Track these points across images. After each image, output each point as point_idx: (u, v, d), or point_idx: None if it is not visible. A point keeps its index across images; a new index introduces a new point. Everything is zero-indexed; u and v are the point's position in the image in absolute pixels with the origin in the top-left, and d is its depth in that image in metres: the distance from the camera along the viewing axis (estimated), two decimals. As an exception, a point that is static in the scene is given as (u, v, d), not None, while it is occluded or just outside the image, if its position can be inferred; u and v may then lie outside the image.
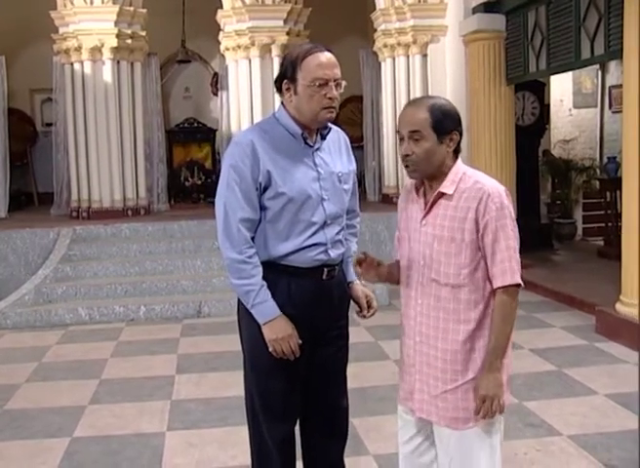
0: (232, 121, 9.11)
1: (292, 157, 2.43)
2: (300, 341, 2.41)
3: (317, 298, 2.49)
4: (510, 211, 2.14)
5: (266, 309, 2.40)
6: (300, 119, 2.43)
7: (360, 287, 2.67)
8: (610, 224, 8.74)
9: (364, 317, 2.66)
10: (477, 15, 7.75)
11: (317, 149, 2.48)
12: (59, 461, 3.68)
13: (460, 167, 2.19)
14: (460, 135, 2.18)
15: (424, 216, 2.20)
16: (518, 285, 2.13)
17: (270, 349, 2.40)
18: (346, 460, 2.79)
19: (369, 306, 2.65)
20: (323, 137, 2.51)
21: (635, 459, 3.43)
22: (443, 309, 2.17)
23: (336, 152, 2.55)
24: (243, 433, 3.67)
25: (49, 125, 11.35)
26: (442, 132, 2.13)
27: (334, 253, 2.51)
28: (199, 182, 10.96)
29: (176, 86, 12.10)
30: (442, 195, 2.16)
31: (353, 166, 2.62)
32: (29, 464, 3.68)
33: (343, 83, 2.42)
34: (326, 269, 2.51)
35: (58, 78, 9.12)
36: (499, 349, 2.13)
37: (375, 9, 9.08)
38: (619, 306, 5.47)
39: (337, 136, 2.59)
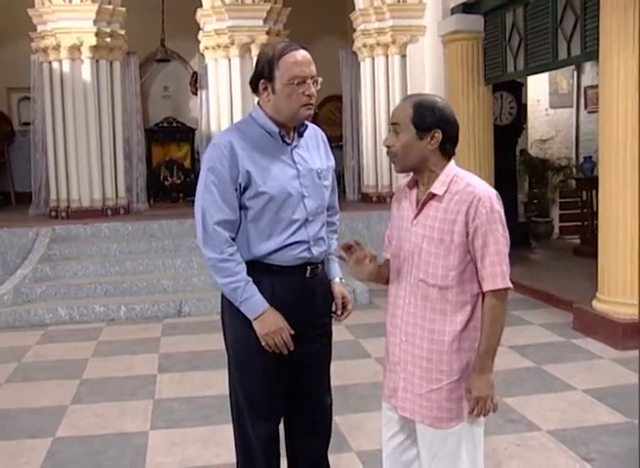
0: (212, 120, 9.09)
1: (270, 156, 2.44)
2: (293, 332, 2.43)
3: (300, 297, 2.50)
4: (501, 215, 2.16)
5: (255, 304, 2.42)
6: (277, 118, 2.44)
7: (338, 286, 2.68)
8: (586, 223, 8.87)
9: (337, 318, 2.68)
10: (456, 15, 7.81)
11: (295, 147, 2.51)
12: (41, 461, 3.67)
13: (452, 168, 2.21)
14: (446, 134, 2.17)
15: (415, 216, 2.22)
16: (508, 288, 2.17)
17: (263, 343, 2.42)
18: (329, 457, 2.82)
19: (344, 307, 2.67)
20: (300, 135, 2.53)
21: (613, 453, 3.53)
22: (430, 309, 2.19)
23: (314, 149, 2.57)
24: (226, 431, 3.70)
25: (26, 124, 11.27)
26: (422, 127, 2.14)
27: (316, 251, 2.52)
28: (178, 182, 10.93)
29: (154, 85, 12.05)
30: (433, 196, 2.18)
31: (332, 162, 2.64)
32: (11, 464, 3.66)
33: (320, 80, 2.45)
34: (309, 267, 2.52)
35: (36, 77, 9.03)
36: (490, 351, 2.17)
37: (354, 9, 9.12)
38: (595, 303, 5.56)
39: (313, 133, 2.60)
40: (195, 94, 11.42)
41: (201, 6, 8.79)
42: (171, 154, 11.37)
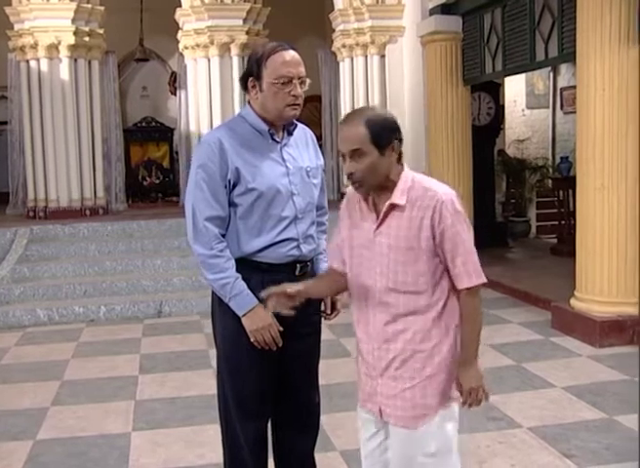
0: (191, 120, 9.08)
1: (260, 153, 2.47)
2: (282, 328, 2.44)
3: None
4: (464, 214, 2.17)
5: (244, 300, 2.43)
6: (265, 116, 2.48)
7: None
8: (563, 222, 8.97)
9: (327, 317, 2.70)
10: (434, 16, 7.86)
11: (285, 145, 2.53)
12: (22, 464, 3.64)
13: (407, 174, 2.19)
14: (401, 141, 2.17)
15: (377, 227, 2.19)
16: (483, 283, 2.20)
17: (252, 339, 2.43)
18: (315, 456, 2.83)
19: (333, 307, 2.69)
20: (290, 133, 2.55)
21: (592, 449, 3.58)
22: (403, 315, 2.19)
23: (303, 148, 2.59)
24: (210, 431, 3.72)
25: (1, 123, 11.15)
26: (382, 144, 2.10)
27: (305, 249, 2.55)
28: (157, 181, 10.92)
29: (133, 85, 12.00)
30: (394, 206, 2.16)
31: (321, 161, 2.67)
32: (-4, 467, 3.64)
33: (308, 81, 2.48)
34: (299, 265, 2.54)
35: (13, 76, 8.97)
36: (473, 344, 2.21)
37: (333, 9, 9.14)
38: (573, 301, 5.62)
39: (303, 133, 2.63)
40: (174, 93, 11.40)
41: (180, 5, 8.76)
42: (149, 154, 11.34)
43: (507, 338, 5.63)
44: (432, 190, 2.14)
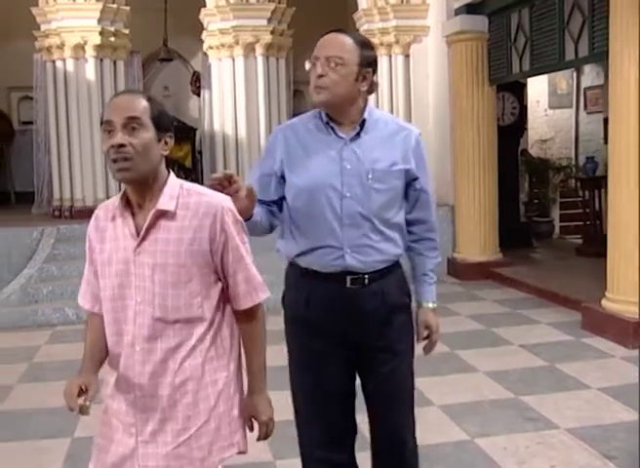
0: (215, 119, 9.09)
1: (315, 148, 2.28)
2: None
3: (341, 308, 2.28)
4: (243, 223, 1.96)
5: None
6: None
7: (424, 313, 2.44)
8: (588, 223, 8.91)
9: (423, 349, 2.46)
10: (460, 16, 7.83)
11: (352, 142, 2.26)
12: (62, 462, 3.66)
13: (175, 180, 1.91)
14: (172, 139, 1.93)
15: (139, 245, 1.86)
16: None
17: None
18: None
19: (427, 338, 2.44)
20: (362, 128, 2.28)
21: (632, 451, 3.55)
22: (171, 350, 1.88)
23: (384, 147, 2.28)
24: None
25: (26, 123, 11.24)
26: (161, 129, 1.86)
27: (355, 260, 2.25)
28: (180, 181, 10.91)
29: (155, 84, 12.03)
30: (161, 215, 1.85)
31: (411, 166, 2.31)
32: (32, 464, 3.66)
33: (338, 60, 2.18)
34: (349, 277, 2.27)
35: (39, 76, 9.00)
36: (263, 367, 2.01)
37: (357, 9, 9.13)
38: (604, 302, 5.59)
39: (395, 131, 2.32)
40: (196, 93, 11.42)
41: (204, 5, 8.78)
42: (171, 154, 11.24)
43: (538, 339, 5.60)
44: (208, 196, 1.89)
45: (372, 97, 9.16)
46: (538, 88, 11.55)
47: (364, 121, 2.27)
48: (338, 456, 2.39)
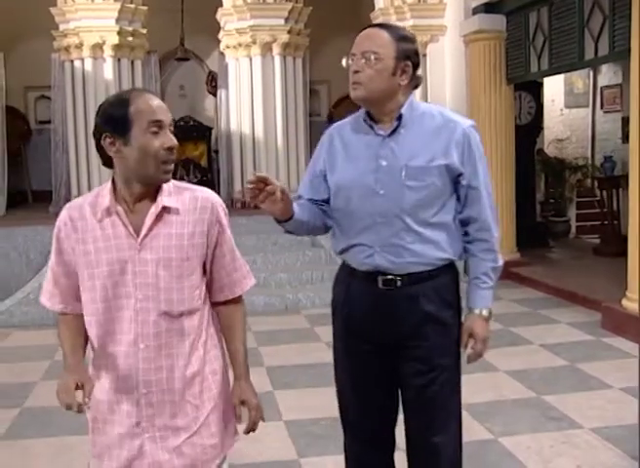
0: (232, 119, 9.12)
1: (356, 146, 2.25)
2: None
3: (373, 309, 2.26)
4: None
5: None
6: None
7: (471, 322, 2.28)
8: (606, 222, 8.87)
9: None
10: (478, 15, 7.82)
11: (390, 138, 2.20)
12: (90, 458, 3.68)
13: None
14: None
15: (142, 240, 1.86)
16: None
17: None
18: None
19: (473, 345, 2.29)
20: (399, 124, 2.20)
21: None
22: (172, 344, 1.90)
23: (425, 141, 2.19)
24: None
25: (43, 122, 11.32)
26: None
27: (385, 260, 2.20)
28: (195, 181, 10.93)
29: (170, 84, 12.07)
30: (164, 211, 1.87)
31: (448, 161, 2.18)
32: (59, 461, 3.69)
33: (372, 55, 2.12)
34: (380, 278, 2.23)
35: (56, 75, 9.07)
36: (246, 354, 2.03)
37: (373, 8, 9.13)
38: (625, 302, 5.57)
39: (442, 124, 2.21)
40: (212, 93, 11.45)
41: (221, 5, 8.82)
42: (187, 153, 11.37)
43: (558, 338, 5.58)
44: (199, 191, 1.95)
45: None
46: (553, 87, 11.49)
47: (401, 116, 2.19)
48: (377, 459, 2.43)
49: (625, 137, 9.00)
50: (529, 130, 9.26)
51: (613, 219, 8.71)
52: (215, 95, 11.62)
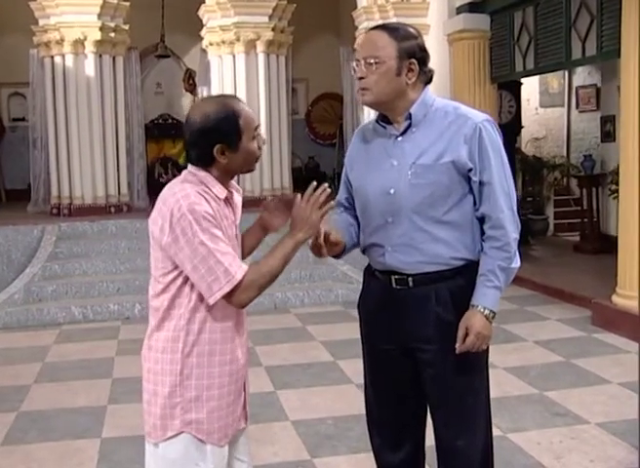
0: (214, 117, 9.03)
1: (372, 146, 2.29)
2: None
3: (387, 307, 2.27)
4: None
5: None
6: None
7: (468, 317, 2.17)
8: (585, 220, 9.01)
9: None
10: (462, 15, 7.86)
11: (401, 137, 2.21)
12: (95, 462, 3.62)
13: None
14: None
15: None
16: None
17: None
18: None
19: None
20: (410, 123, 2.20)
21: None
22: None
23: (436, 139, 2.18)
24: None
25: (16, 120, 11.10)
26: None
27: (395, 260, 2.21)
28: (173, 178, 10.85)
29: (147, 81, 11.92)
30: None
31: (455, 157, 2.14)
32: (65, 465, 3.61)
33: (372, 60, 2.14)
34: (393, 277, 2.24)
35: (35, 71, 8.88)
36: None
37: (355, 6, 9.12)
38: (615, 298, 5.66)
39: (453, 120, 2.18)
40: (189, 90, 11.35)
41: (204, 2, 8.72)
42: (165, 151, 11.29)
43: (551, 335, 5.66)
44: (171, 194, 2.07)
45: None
46: (529, 87, 11.60)
47: (410, 115, 2.19)
48: (399, 459, 2.42)
49: (604, 136, 9.15)
50: (509, 129, 9.32)
51: (592, 217, 8.84)
52: (192, 92, 11.53)
